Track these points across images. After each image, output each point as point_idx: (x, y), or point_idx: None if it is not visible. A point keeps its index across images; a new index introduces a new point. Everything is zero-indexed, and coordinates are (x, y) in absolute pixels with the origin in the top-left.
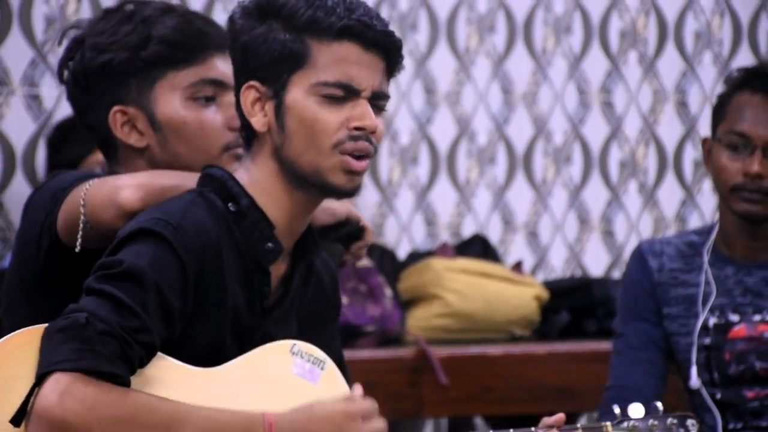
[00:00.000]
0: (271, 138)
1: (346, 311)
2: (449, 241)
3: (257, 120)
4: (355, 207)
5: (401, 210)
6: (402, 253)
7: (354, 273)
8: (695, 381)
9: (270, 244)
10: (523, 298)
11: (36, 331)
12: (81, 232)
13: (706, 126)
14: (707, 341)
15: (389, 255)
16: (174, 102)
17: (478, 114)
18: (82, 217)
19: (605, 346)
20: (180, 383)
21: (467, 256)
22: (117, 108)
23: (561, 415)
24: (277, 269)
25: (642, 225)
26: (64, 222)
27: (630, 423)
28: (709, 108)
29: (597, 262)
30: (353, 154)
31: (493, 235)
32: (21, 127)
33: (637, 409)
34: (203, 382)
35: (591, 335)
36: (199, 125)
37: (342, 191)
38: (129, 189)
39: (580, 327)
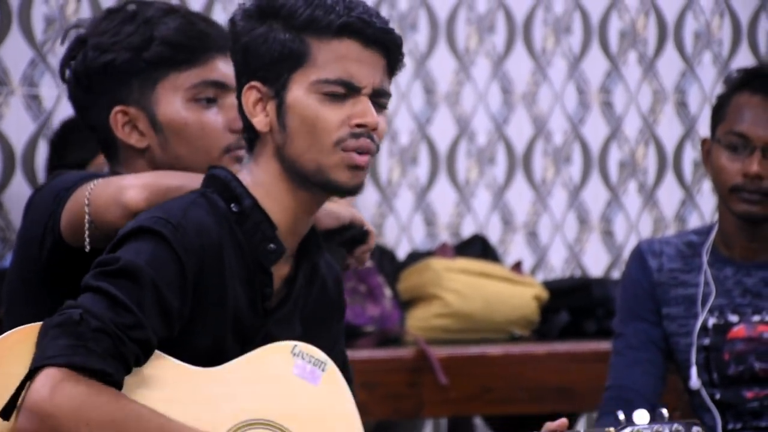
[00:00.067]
0: (273, 138)
1: (345, 311)
2: (449, 241)
3: (259, 120)
4: (355, 207)
5: (401, 210)
6: (401, 253)
7: (354, 273)
8: (695, 381)
9: (272, 245)
10: (523, 298)
11: (33, 329)
12: (87, 231)
13: (705, 126)
14: (706, 342)
15: (389, 255)
16: (175, 103)
17: (477, 114)
18: (86, 217)
19: (605, 346)
20: (179, 382)
21: (467, 256)
22: (118, 108)
23: (563, 420)
24: (280, 270)
25: (642, 225)
26: (67, 221)
27: (634, 429)
28: (709, 108)
29: (596, 262)
30: (355, 151)
31: (493, 235)
32: (20, 127)
33: (642, 416)
34: (203, 381)
35: (590, 335)
36: (200, 126)
37: (345, 188)
38: (134, 189)
39: (579, 327)
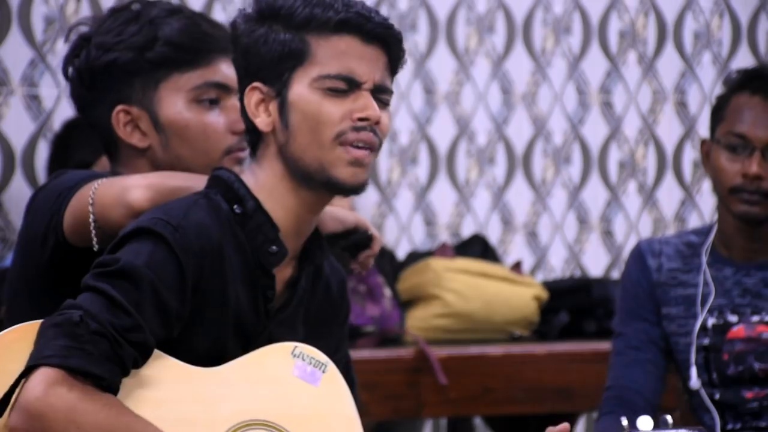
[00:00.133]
0: (276, 138)
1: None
2: (448, 242)
3: (261, 120)
4: (355, 207)
5: (400, 210)
6: (401, 253)
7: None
8: (695, 382)
9: (274, 247)
10: (523, 298)
11: (31, 327)
12: (93, 231)
13: (705, 126)
14: (706, 342)
15: (388, 255)
16: (177, 104)
17: (477, 114)
18: (91, 216)
19: (605, 346)
20: (178, 382)
21: (466, 256)
22: (120, 107)
23: (565, 425)
24: (283, 273)
25: (641, 225)
26: (71, 221)
27: None
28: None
29: (596, 262)
30: (356, 144)
31: (493, 236)
32: (20, 128)
33: (646, 422)
34: (202, 381)
35: (590, 335)
36: (202, 128)
37: (347, 186)
38: (139, 189)
39: (579, 327)
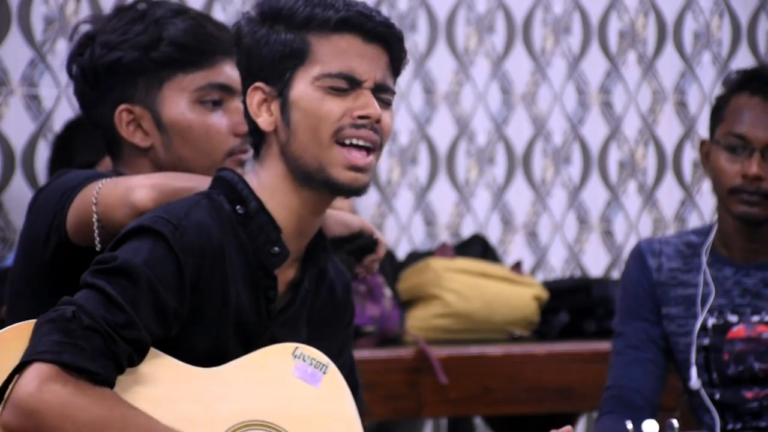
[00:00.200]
0: (278, 137)
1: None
2: (448, 242)
3: (263, 120)
4: (355, 208)
5: (400, 210)
6: (401, 254)
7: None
8: (695, 381)
9: (276, 248)
10: (523, 298)
11: (29, 326)
12: (96, 230)
13: (705, 126)
14: (706, 342)
15: (388, 255)
16: (181, 104)
17: (477, 114)
18: (94, 216)
19: (605, 346)
20: (176, 382)
21: (466, 256)
22: (123, 106)
23: (568, 428)
24: (286, 274)
25: (641, 225)
26: (74, 220)
27: None
28: (709, 108)
29: (596, 262)
30: (355, 143)
31: (493, 236)
32: (20, 128)
33: (651, 426)
34: (201, 381)
35: (590, 335)
36: (205, 129)
37: (345, 189)
38: (143, 189)
39: (579, 327)
